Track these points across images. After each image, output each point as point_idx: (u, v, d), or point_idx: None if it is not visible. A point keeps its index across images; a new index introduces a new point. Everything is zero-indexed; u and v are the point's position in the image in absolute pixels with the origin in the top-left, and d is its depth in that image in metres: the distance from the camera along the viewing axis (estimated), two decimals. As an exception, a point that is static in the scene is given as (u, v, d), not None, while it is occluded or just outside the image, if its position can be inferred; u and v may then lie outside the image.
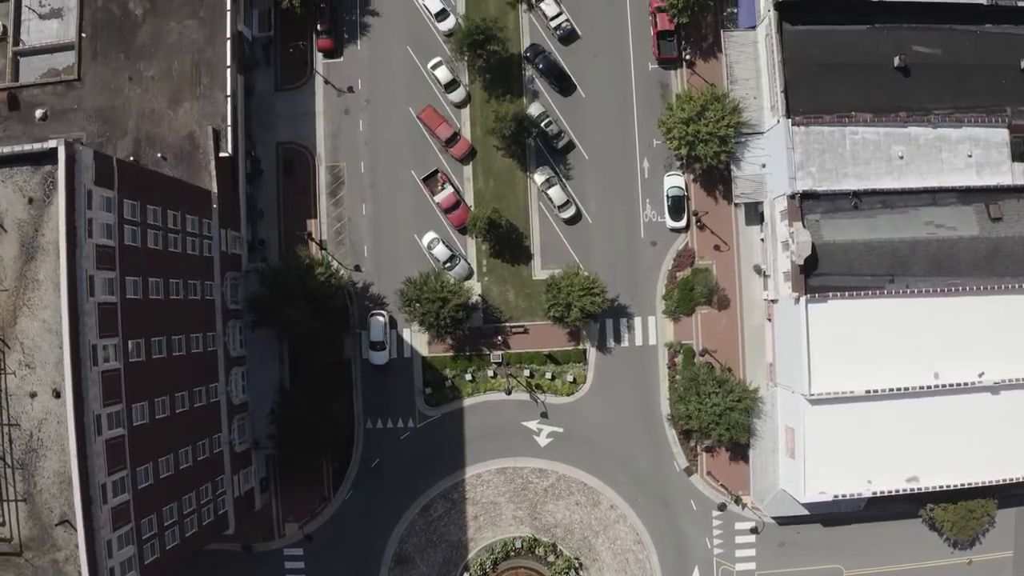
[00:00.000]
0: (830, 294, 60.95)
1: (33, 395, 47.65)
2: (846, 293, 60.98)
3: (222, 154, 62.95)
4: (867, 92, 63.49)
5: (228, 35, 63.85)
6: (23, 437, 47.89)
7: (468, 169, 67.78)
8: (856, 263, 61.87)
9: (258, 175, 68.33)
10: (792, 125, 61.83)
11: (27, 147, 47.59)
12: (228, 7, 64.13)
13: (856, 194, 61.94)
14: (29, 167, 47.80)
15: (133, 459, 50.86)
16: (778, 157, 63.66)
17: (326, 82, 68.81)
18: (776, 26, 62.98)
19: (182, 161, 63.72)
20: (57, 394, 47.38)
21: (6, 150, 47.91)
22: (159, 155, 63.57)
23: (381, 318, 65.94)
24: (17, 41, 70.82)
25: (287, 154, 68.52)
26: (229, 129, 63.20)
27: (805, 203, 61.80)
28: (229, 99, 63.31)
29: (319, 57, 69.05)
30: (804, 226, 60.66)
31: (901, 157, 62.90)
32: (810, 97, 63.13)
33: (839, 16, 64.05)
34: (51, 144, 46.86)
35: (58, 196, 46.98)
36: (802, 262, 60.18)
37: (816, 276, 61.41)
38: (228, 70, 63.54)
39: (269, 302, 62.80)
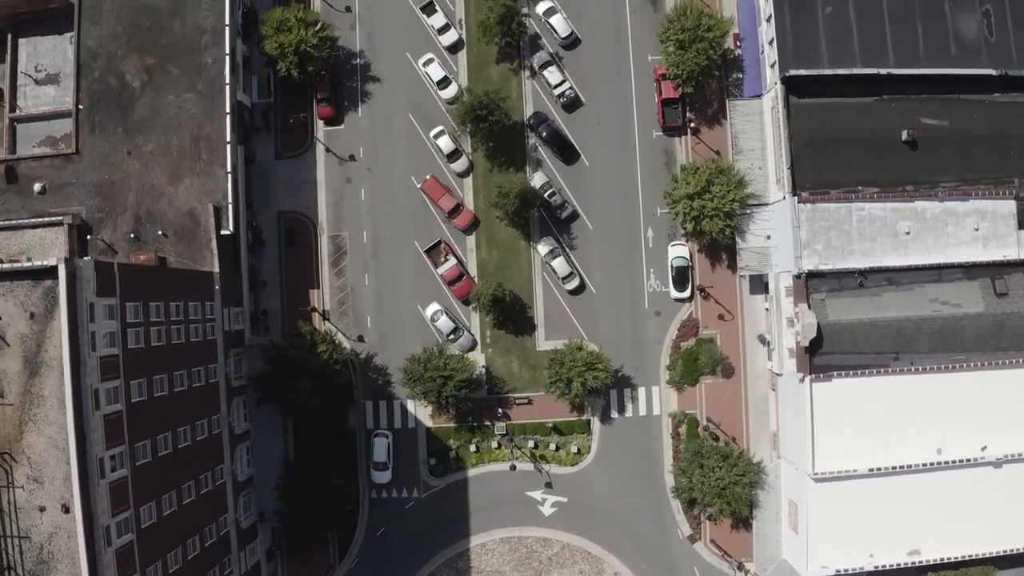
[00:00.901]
0: (834, 373, 61.04)
1: (42, 509, 47.83)
2: (850, 372, 61.18)
3: (223, 232, 62.68)
4: (874, 166, 62.94)
5: (227, 110, 63.12)
6: (33, 550, 48.12)
7: (471, 239, 67.37)
8: (861, 341, 61.81)
9: (260, 245, 67.89)
10: (798, 203, 61.53)
11: (27, 264, 47.21)
12: (227, 80, 63.49)
13: (862, 272, 61.87)
14: (30, 281, 47.54)
15: (142, 561, 51.07)
16: (784, 232, 63.23)
17: (327, 150, 68.19)
18: (783, 100, 62.34)
19: (183, 238, 63.28)
20: (66, 509, 47.56)
21: (5, 265, 47.58)
22: (160, 232, 63.11)
23: (384, 439, 65.96)
24: (14, 107, 70.25)
25: (289, 223, 68.08)
26: (230, 207, 62.64)
27: (810, 282, 61.56)
28: (230, 176, 62.71)
29: (320, 124, 68.41)
30: (810, 307, 60.59)
31: (907, 232, 62.48)
32: (816, 172, 62.62)
33: (846, 88, 63.36)
34: (51, 262, 46.49)
35: (60, 312, 46.74)
36: (807, 344, 60.27)
37: (821, 355, 61.36)
38: (228, 146, 62.92)
39: (273, 381, 62.86)
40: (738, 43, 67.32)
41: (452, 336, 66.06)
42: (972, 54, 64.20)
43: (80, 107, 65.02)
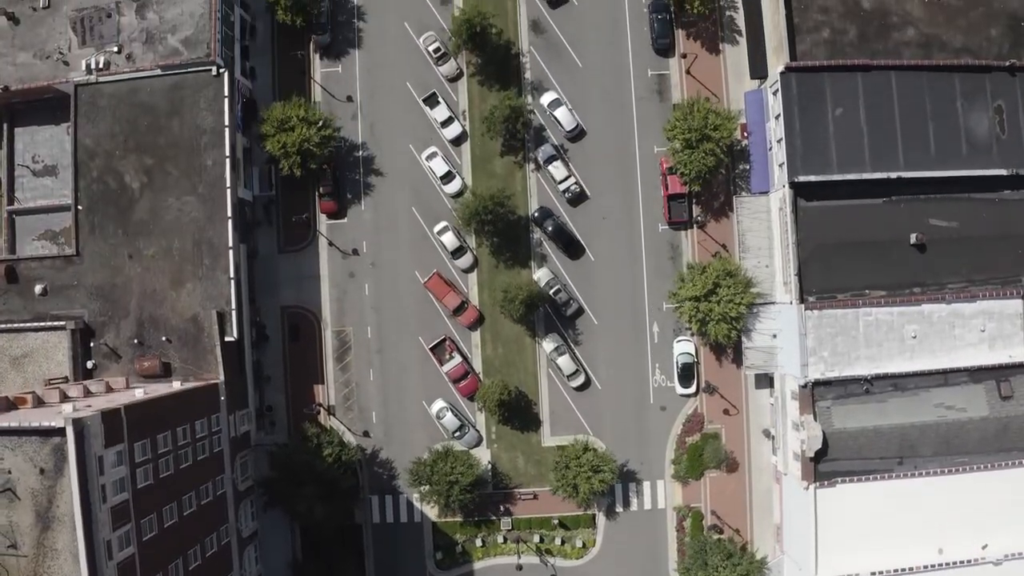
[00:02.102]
0: (839, 479, 61.44)
1: (56, 659, 48.40)
2: (854, 477, 61.48)
3: (227, 338, 62.43)
4: (882, 270, 62.54)
5: (229, 214, 62.48)
6: None
7: (476, 335, 67.11)
8: (866, 448, 61.99)
9: (264, 341, 67.60)
10: (806, 310, 61.35)
11: (35, 423, 46.84)
12: (228, 184, 62.56)
13: (867, 380, 61.91)
14: (38, 438, 47.40)
15: None
16: (790, 334, 63.07)
17: (330, 244, 67.55)
18: (791, 205, 61.73)
19: (187, 344, 62.86)
20: (80, 659, 48.10)
21: (14, 423, 47.29)
22: (164, 338, 62.68)
23: None
24: (11, 200, 69.35)
25: (292, 318, 67.69)
26: (234, 313, 62.27)
27: (816, 390, 61.60)
28: (232, 282, 62.24)
29: (322, 218, 67.75)
30: (815, 418, 60.70)
31: (914, 336, 62.29)
32: (824, 277, 62.18)
33: (856, 189, 62.68)
34: (58, 423, 46.24)
35: (69, 469, 46.65)
36: (812, 455, 60.53)
37: (825, 462, 61.61)
38: (231, 251, 62.35)
39: (279, 487, 63.08)
40: (745, 134, 66.50)
41: (458, 433, 66.13)
42: (983, 152, 63.52)
43: (79, 208, 64.40)
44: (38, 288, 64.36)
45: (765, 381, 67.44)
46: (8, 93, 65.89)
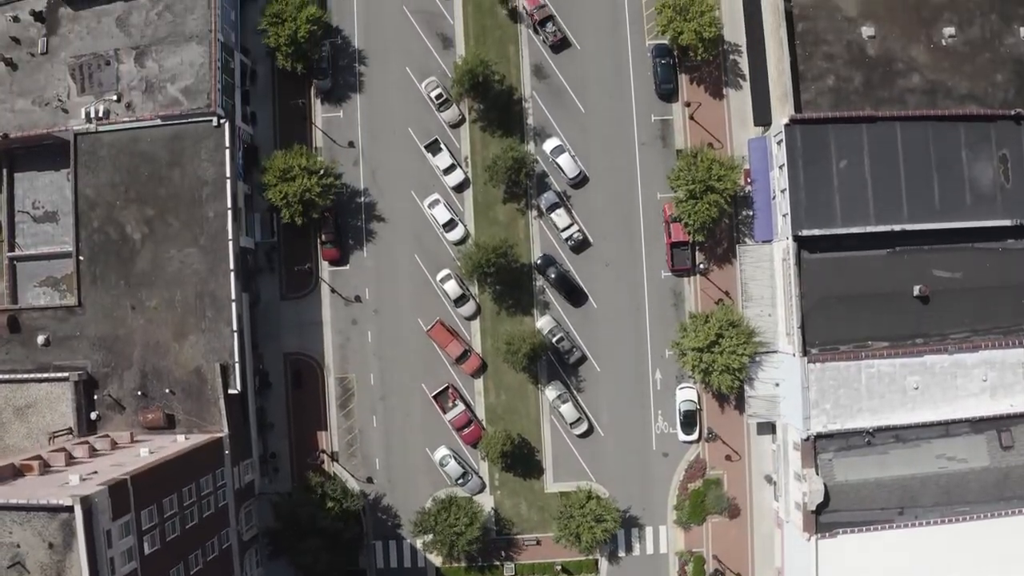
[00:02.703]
0: (840, 530, 61.81)
1: None
2: (856, 528, 61.77)
3: (231, 391, 62.42)
4: (885, 321, 62.62)
5: (231, 267, 62.23)
6: None
7: (479, 383, 67.19)
8: (867, 499, 62.27)
9: (266, 388, 67.59)
10: (808, 363, 61.45)
11: (43, 500, 46.92)
12: (230, 236, 62.31)
13: (870, 432, 62.07)
14: (46, 514, 47.51)
15: None
16: (792, 384, 63.21)
17: (332, 291, 67.47)
18: (795, 258, 61.64)
19: (190, 396, 62.87)
20: None
21: (23, 500, 47.37)
22: (167, 390, 62.68)
23: None
24: (12, 246, 69.05)
25: (295, 365, 67.66)
26: (237, 366, 62.26)
27: (819, 442, 61.85)
28: (236, 335, 62.22)
29: (324, 265, 67.58)
30: (817, 472, 60.98)
31: (916, 388, 62.50)
32: (827, 329, 62.22)
33: (860, 241, 62.53)
34: (66, 502, 46.33)
35: (77, 544, 46.82)
36: (814, 508, 60.87)
37: (827, 513, 61.94)
38: (233, 304, 62.25)
39: (283, 538, 63.38)
40: (749, 180, 66.28)
41: (461, 480, 66.34)
42: (988, 202, 63.48)
43: (80, 258, 64.18)
44: (41, 338, 64.34)
45: (767, 427, 67.61)
46: (7, 140, 65.75)
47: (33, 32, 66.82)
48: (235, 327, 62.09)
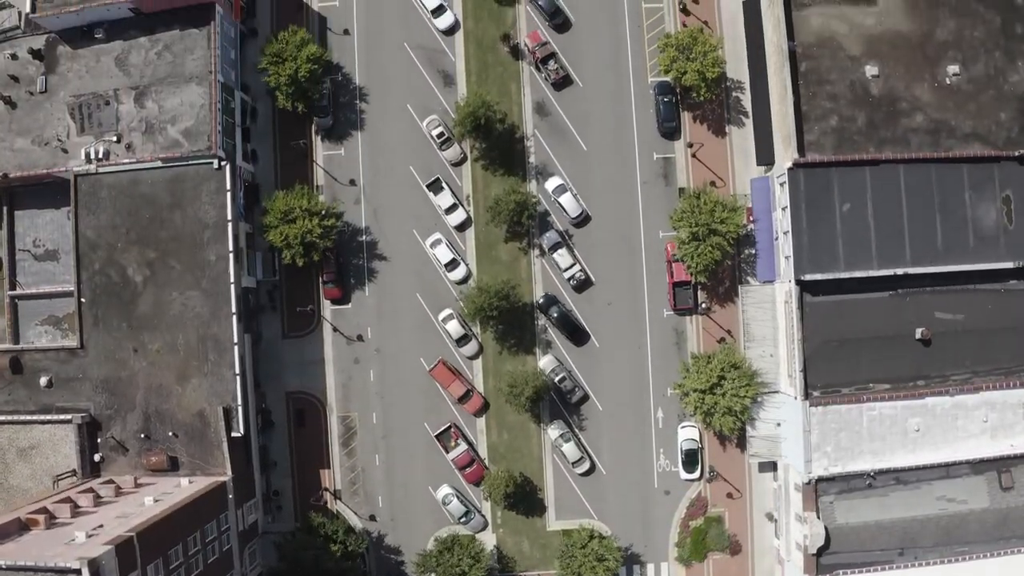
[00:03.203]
0: (840, 572, 62.10)
1: None
2: (856, 569, 62.11)
3: (234, 434, 62.52)
4: (887, 364, 62.74)
5: (234, 311, 62.18)
6: None
7: (482, 422, 67.29)
8: (868, 541, 62.55)
9: (269, 426, 67.66)
10: (810, 406, 61.56)
11: (51, 563, 47.07)
12: (232, 280, 62.14)
13: (871, 474, 62.32)
14: (53, 574, 47.75)
15: None
16: (794, 426, 63.40)
17: (334, 330, 67.48)
18: (797, 302, 61.64)
19: (194, 439, 62.92)
20: None
21: (30, 562, 47.49)
22: (170, 432, 62.80)
23: None
24: (13, 284, 68.91)
25: (297, 403, 67.68)
26: (240, 409, 62.34)
27: (820, 484, 62.10)
28: (239, 378, 62.22)
29: (326, 303, 67.54)
30: (818, 516, 61.27)
31: (917, 430, 62.70)
32: (829, 371, 62.32)
33: (862, 283, 62.43)
34: (74, 564, 46.48)
35: (85, 608, 47.21)
36: (815, 551, 61.20)
37: (828, 555, 62.27)
38: (235, 347, 62.26)
39: (287, 580, 63.99)
40: (751, 218, 66.18)
41: (463, 519, 66.53)
42: (991, 244, 63.48)
43: (82, 300, 64.08)
44: (43, 380, 64.34)
45: (769, 465, 67.91)
46: (7, 180, 65.47)
47: (32, 70, 66.54)
48: (237, 370, 62.07)
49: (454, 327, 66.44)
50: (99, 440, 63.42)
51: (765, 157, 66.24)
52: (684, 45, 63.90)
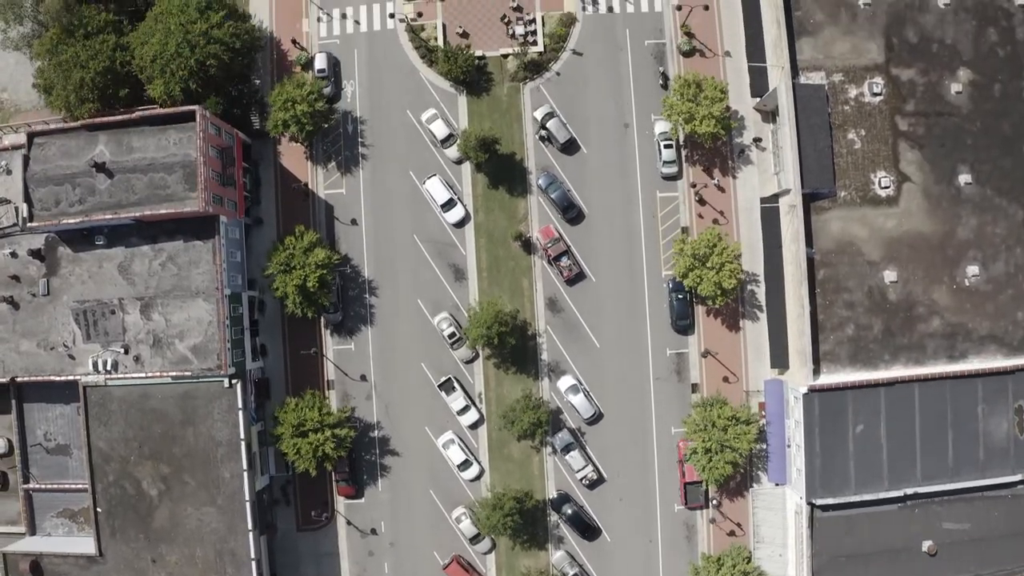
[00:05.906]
0: None
1: None
2: None
3: (255, 646, 63.80)
4: None
5: (250, 527, 62.53)
6: None
7: (500, 616, 68.68)
8: None
9: (287, 616, 69.17)
10: (816, 622, 62.95)
11: None
12: (247, 498, 62.21)
13: None
14: None
15: None
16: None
17: (348, 523, 67.91)
18: (808, 520, 62.10)
19: (214, 647, 64.38)
20: None
21: None
22: (191, 640, 64.26)
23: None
24: (27, 477, 68.75)
25: (315, 592, 69.12)
26: (258, 620, 63.54)
27: None
28: (257, 592, 63.22)
29: (340, 498, 67.80)
30: None
31: (921, 640, 64.37)
32: (836, 582, 63.71)
33: (872, 497, 63.05)
34: None
35: None
36: None
37: None
38: (253, 563, 62.75)
39: None
40: (763, 413, 66.02)
41: None
42: (1000, 455, 63.70)
43: (99, 510, 64.28)
44: (63, 585, 65.50)
45: None
46: (16, 383, 64.87)
47: (33, 270, 65.17)
48: (256, 584, 63.31)
49: (467, 527, 66.83)
50: (123, 647, 65.07)
51: (779, 361, 65.76)
52: (701, 255, 62.67)
